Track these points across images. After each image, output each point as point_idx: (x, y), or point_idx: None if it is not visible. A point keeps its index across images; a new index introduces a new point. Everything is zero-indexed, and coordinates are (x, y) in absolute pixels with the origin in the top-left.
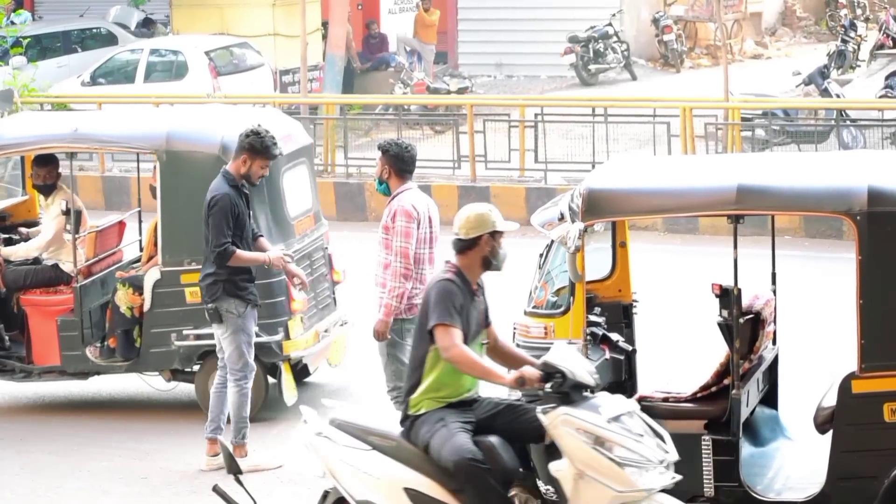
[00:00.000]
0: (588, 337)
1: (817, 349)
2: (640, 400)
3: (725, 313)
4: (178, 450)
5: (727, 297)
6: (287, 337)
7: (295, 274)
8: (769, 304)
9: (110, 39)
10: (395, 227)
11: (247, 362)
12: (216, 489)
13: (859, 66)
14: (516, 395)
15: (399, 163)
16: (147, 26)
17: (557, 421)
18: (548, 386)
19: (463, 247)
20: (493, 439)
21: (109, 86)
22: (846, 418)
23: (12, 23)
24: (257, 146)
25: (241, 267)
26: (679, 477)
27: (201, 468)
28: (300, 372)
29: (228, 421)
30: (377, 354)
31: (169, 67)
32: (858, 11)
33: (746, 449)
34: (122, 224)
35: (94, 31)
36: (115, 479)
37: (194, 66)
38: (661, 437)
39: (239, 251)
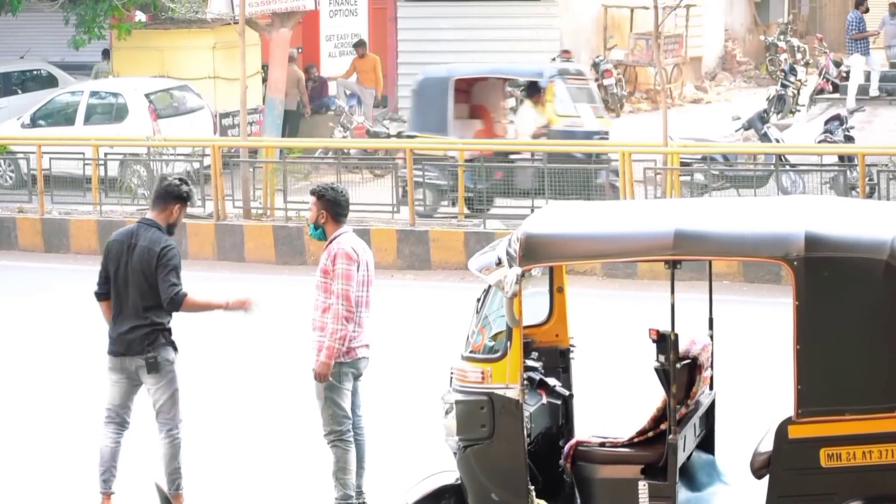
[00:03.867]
0: (525, 382)
1: (754, 394)
2: (577, 445)
3: (662, 358)
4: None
5: (664, 342)
6: None
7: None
8: (706, 350)
9: (50, 81)
10: (336, 270)
11: (178, 411)
12: None
13: (799, 110)
14: None
15: (335, 207)
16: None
17: None
18: None
19: None
20: None
21: (49, 128)
22: (783, 463)
23: None
24: (186, 196)
25: (170, 317)
26: None
27: None
28: None
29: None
30: (314, 398)
31: (109, 110)
32: (798, 56)
33: (683, 494)
34: None
35: (35, 72)
36: None
37: (134, 109)
38: None
39: (190, 297)
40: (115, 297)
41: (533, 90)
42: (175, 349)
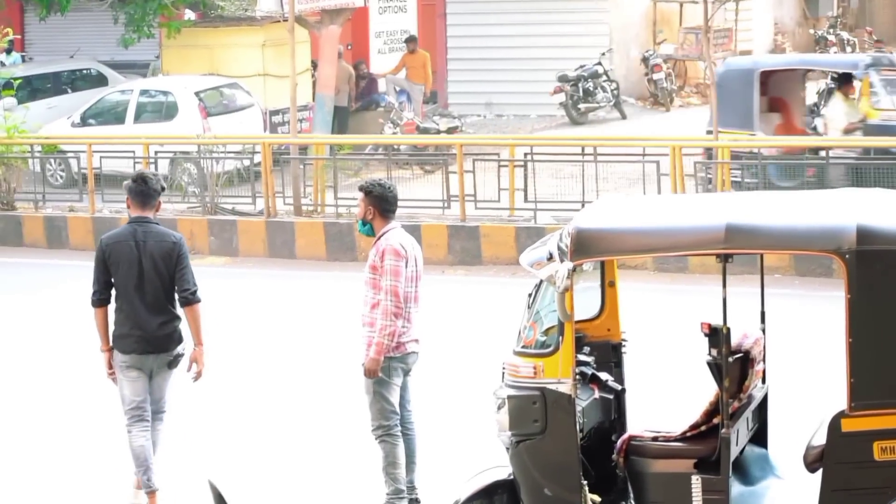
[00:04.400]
0: (577, 376)
1: (807, 388)
2: (630, 439)
3: (714, 352)
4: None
5: (716, 336)
6: None
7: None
8: (758, 343)
9: (100, 80)
10: (385, 266)
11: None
12: None
13: None
14: None
15: (383, 203)
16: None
17: None
18: None
19: None
20: None
21: (99, 126)
22: (836, 457)
23: (2, 64)
24: (160, 189)
25: None
26: None
27: None
28: None
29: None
30: (363, 393)
31: (159, 108)
32: (848, 49)
33: (736, 488)
34: None
35: (85, 71)
36: None
37: (184, 107)
38: None
39: (199, 307)
40: (126, 298)
41: (844, 81)
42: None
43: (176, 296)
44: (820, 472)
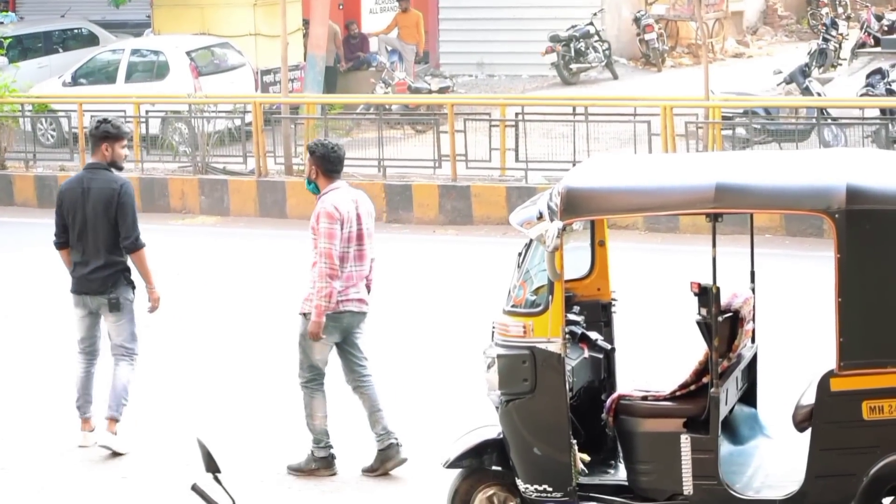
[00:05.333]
0: (567, 336)
1: (796, 347)
2: (619, 398)
3: (704, 312)
4: (155, 448)
5: (706, 295)
6: None
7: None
8: (748, 303)
9: (91, 40)
10: (319, 229)
11: (136, 345)
12: (195, 488)
13: (840, 64)
14: None
15: (326, 163)
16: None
17: None
18: None
19: None
20: None
21: (90, 86)
22: (825, 416)
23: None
24: (112, 132)
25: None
26: None
27: (101, 443)
28: None
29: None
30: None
31: (150, 68)
32: (840, 10)
33: (725, 447)
34: None
35: (76, 31)
36: (92, 480)
37: (175, 67)
38: None
39: (144, 251)
40: (77, 242)
41: None
42: (133, 287)
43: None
44: (809, 431)
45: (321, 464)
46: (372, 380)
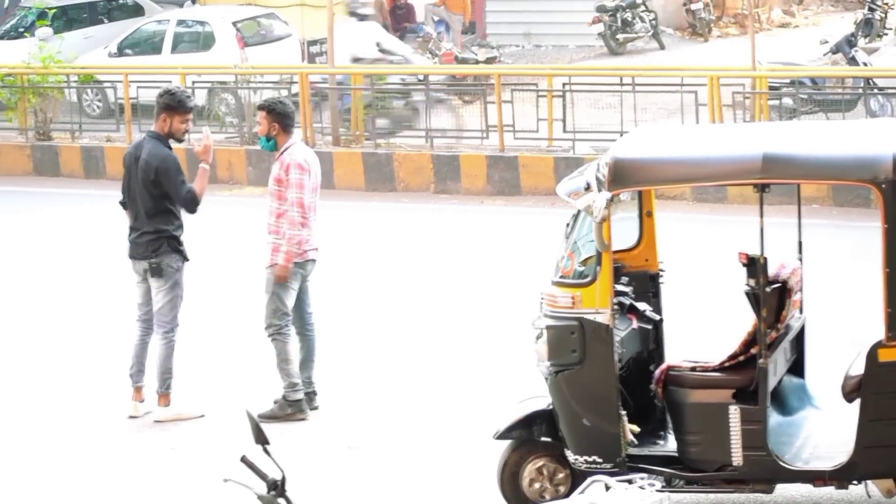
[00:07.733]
0: (615, 306)
1: (844, 318)
2: (668, 369)
3: (752, 282)
4: (203, 420)
5: (754, 266)
6: None
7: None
8: (796, 273)
9: (137, 10)
10: (290, 180)
11: (175, 315)
12: (244, 460)
13: (886, 34)
14: None
15: (285, 119)
16: None
17: None
18: None
19: None
20: None
21: (136, 57)
22: (873, 387)
23: None
24: (172, 104)
25: (179, 224)
26: None
27: (156, 419)
28: None
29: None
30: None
31: (196, 38)
32: None
33: (774, 418)
34: None
35: (121, 1)
36: (141, 450)
37: (221, 37)
38: None
39: (194, 185)
40: (132, 205)
41: None
42: (183, 257)
43: (171, 208)
44: (857, 402)
45: (295, 407)
46: (315, 328)
